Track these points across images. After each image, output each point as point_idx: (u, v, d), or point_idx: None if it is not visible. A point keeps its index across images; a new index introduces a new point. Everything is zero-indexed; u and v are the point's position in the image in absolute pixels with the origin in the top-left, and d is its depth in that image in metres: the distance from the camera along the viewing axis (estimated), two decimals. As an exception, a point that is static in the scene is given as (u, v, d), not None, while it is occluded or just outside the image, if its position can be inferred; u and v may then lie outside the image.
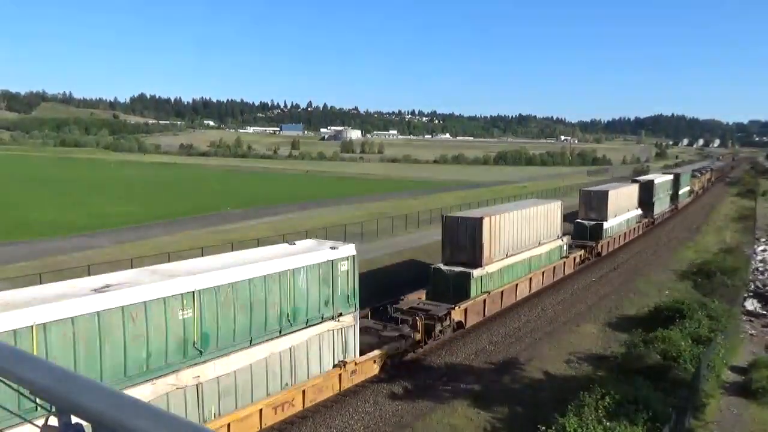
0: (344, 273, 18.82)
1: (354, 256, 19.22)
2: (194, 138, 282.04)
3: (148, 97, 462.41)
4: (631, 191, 50.11)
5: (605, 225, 42.51)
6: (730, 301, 29.20)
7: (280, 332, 16.75)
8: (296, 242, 20.03)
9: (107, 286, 13.02)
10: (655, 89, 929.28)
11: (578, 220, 43.54)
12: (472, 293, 25.76)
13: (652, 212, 55.28)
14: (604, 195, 43.68)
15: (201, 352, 14.45)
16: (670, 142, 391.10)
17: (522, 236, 30.17)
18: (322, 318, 18.18)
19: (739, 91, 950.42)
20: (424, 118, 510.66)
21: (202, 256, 32.71)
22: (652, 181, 56.89)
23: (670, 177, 65.97)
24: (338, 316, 18.64)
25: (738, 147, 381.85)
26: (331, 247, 18.80)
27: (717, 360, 20.90)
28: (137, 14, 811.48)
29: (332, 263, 18.38)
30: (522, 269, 30.34)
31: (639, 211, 51.24)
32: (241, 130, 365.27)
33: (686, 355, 20.65)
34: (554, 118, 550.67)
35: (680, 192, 68.85)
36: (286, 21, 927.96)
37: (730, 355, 22.39)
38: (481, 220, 26.39)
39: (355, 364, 19.29)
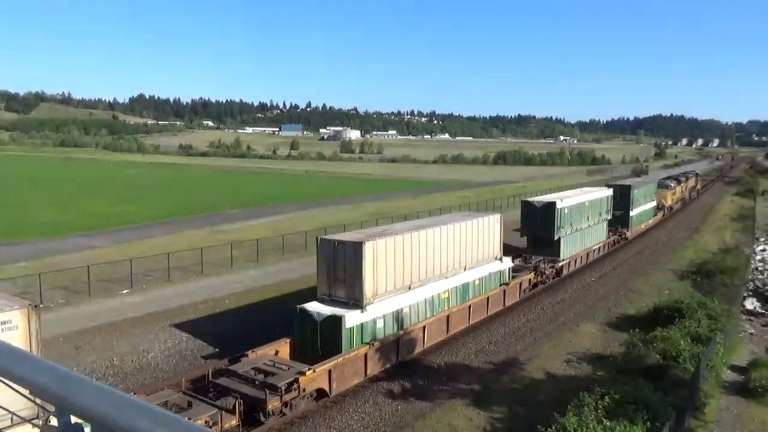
0: None
1: None
2: (193, 138, 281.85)
3: (147, 97, 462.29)
4: (478, 227, 27.09)
5: (352, 317, 19.79)
6: (729, 300, 29.21)
7: None
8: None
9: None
10: (654, 89, 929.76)
11: (305, 307, 20.48)
12: None
13: (557, 255, 34.48)
14: (356, 250, 20.18)
15: None
16: (669, 142, 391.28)
17: None
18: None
19: (738, 91, 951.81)
20: (423, 119, 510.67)
21: (202, 255, 32.91)
22: (553, 204, 34.00)
23: (604, 194, 42.24)
24: None
25: (737, 147, 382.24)
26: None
27: (716, 359, 20.92)
28: (136, 14, 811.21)
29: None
30: None
31: (502, 265, 29.03)
32: (240, 131, 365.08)
33: (686, 354, 20.66)
34: (553, 118, 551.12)
35: (634, 213, 48.33)
36: (285, 21, 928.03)
37: (729, 354, 22.41)
38: None
39: None
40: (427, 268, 23.62)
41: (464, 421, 17.84)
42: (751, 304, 31.04)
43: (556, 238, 34.15)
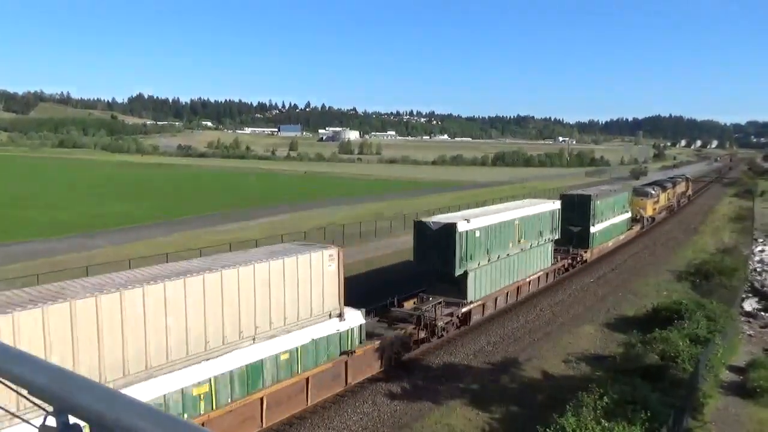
0: None
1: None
2: (192, 139, 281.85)
3: (146, 97, 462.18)
4: (286, 272, 17.32)
5: None
6: (728, 301, 29.24)
7: None
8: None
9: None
10: (653, 90, 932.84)
11: None
12: None
13: (463, 295, 25.27)
14: None
15: None
16: (668, 143, 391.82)
17: None
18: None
19: (737, 92, 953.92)
20: (422, 119, 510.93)
21: (201, 256, 32.76)
22: (452, 226, 24.35)
23: (547, 207, 32.66)
24: None
25: (736, 148, 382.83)
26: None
27: (715, 360, 20.93)
28: (135, 14, 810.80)
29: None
30: None
31: (342, 325, 19.56)
32: (239, 131, 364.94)
33: (684, 355, 20.66)
34: (552, 119, 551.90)
35: (597, 228, 39.81)
36: (284, 21, 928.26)
37: (728, 355, 22.42)
38: None
39: None
40: (156, 350, 13.85)
41: (463, 421, 17.83)
42: (749, 305, 31.07)
43: (459, 272, 24.72)
